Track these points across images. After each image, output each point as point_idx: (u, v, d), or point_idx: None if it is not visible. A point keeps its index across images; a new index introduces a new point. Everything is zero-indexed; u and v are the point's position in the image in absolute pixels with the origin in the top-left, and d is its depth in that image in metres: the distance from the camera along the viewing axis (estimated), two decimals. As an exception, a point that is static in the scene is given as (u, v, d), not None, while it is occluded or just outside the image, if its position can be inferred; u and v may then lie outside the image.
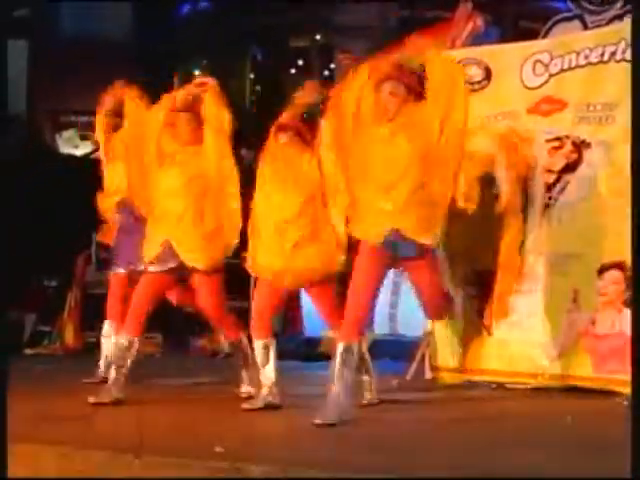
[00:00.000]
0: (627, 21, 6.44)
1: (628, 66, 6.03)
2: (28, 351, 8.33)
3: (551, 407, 5.81)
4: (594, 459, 3.97)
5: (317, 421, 4.72)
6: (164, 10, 10.85)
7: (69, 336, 8.18)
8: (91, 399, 5.36)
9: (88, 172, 6.69)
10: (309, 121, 5.49)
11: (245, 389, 5.85)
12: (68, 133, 7.47)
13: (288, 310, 8.75)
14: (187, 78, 11.14)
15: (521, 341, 6.48)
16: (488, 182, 6.64)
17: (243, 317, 9.39)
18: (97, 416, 5.20)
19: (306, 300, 6.66)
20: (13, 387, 4.86)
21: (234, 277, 9.21)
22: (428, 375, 6.85)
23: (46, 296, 8.09)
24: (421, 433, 4.76)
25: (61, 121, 9.22)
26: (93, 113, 6.31)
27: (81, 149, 7.11)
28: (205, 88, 5.64)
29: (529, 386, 6.35)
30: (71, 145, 7.60)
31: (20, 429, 4.31)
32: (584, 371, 6.18)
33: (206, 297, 5.74)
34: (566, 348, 6.28)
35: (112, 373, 5.56)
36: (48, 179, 6.42)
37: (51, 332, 8.45)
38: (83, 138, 7.21)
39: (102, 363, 6.44)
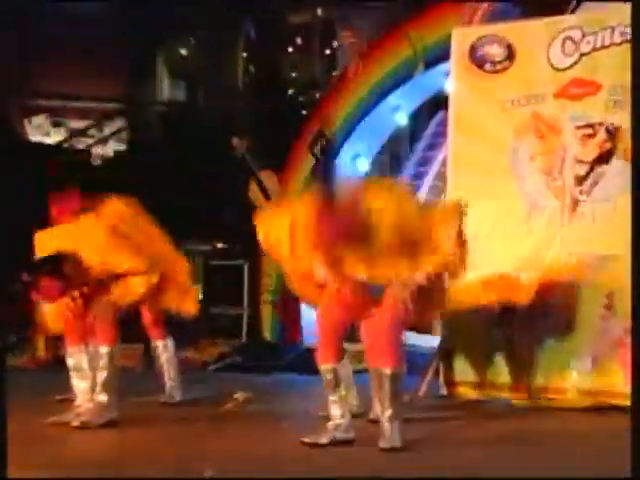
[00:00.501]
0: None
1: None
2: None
3: (576, 425, 5.70)
4: None
5: (306, 440, 4.80)
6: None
7: (40, 347, 8.00)
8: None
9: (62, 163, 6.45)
10: None
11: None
12: (38, 119, 7.18)
13: (287, 320, 8.51)
14: (174, 59, 10.95)
15: (548, 352, 6.31)
16: (509, 174, 6.59)
17: (236, 325, 9.36)
18: (75, 436, 5.17)
19: (305, 310, 6.53)
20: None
21: (230, 285, 9.11)
22: (443, 391, 6.66)
23: (14, 303, 7.85)
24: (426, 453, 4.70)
25: (30, 106, 8.95)
26: (67, 97, 5.99)
27: (53, 137, 6.85)
28: None
29: (557, 404, 6.17)
30: (42, 132, 7.33)
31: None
32: (617, 386, 6.02)
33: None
34: (598, 360, 6.15)
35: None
36: (15, 170, 6.10)
37: (21, 343, 8.32)
38: (55, 125, 6.93)
39: None
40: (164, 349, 6.61)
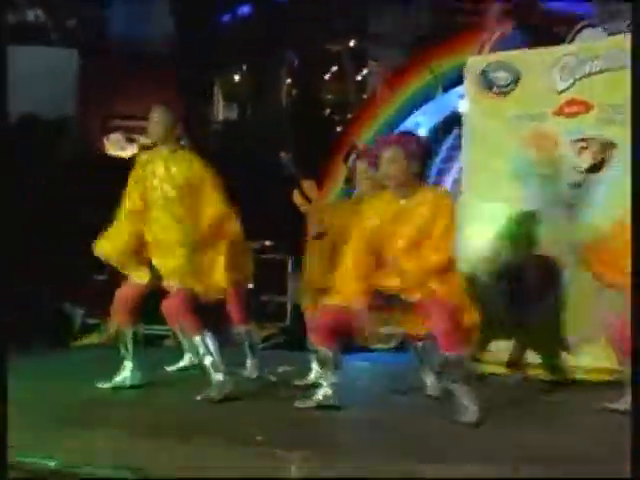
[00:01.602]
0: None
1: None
2: (77, 342, 8.28)
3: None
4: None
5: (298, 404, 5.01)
6: (205, 18, 10.74)
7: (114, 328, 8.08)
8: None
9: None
10: None
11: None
12: (115, 136, 7.39)
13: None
14: (228, 85, 11.08)
15: (545, 332, 6.30)
16: (515, 181, 6.55)
17: (281, 311, 9.42)
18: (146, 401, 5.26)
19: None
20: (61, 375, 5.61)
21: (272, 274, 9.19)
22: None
23: (94, 291, 8.00)
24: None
25: (109, 125, 9.14)
26: (139, 118, 6.15)
27: (128, 151, 7.02)
28: None
29: (549, 378, 6.17)
30: (118, 147, 7.52)
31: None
32: (609, 363, 5.89)
33: None
34: (591, 340, 6.05)
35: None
36: (96, 179, 6.27)
37: (99, 325, 8.32)
38: (129, 140, 7.12)
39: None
40: (248, 334, 6.19)
